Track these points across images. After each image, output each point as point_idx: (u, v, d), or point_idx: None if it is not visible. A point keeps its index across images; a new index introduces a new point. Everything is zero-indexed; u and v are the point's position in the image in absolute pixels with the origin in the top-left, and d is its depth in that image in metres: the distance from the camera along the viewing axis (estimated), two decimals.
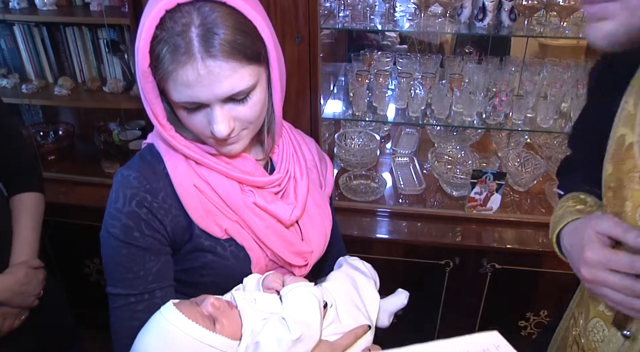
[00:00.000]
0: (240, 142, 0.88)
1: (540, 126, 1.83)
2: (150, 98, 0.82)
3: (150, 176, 0.88)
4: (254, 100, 0.83)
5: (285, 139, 1.02)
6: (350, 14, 1.78)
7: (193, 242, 0.90)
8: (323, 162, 1.13)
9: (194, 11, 0.75)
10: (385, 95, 1.85)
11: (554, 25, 1.74)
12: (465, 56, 2.20)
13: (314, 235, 1.01)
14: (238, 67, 0.77)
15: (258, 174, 0.94)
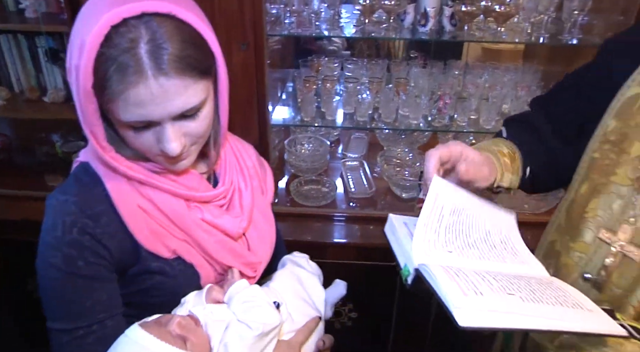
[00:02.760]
0: (189, 158, 0.87)
1: (483, 127, 1.89)
2: (92, 120, 0.77)
3: (89, 199, 0.84)
4: (204, 114, 0.82)
5: (226, 149, 1.01)
6: (296, 20, 1.79)
7: (140, 264, 0.87)
8: (262, 167, 1.12)
9: (141, 25, 0.71)
10: (333, 101, 1.87)
11: (492, 30, 1.80)
12: (410, 61, 2.24)
13: (260, 245, 1.00)
14: (191, 83, 0.76)
15: (203, 189, 0.93)
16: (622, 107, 0.85)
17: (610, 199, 0.85)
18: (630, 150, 0.83)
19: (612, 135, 0.86)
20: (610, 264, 0.84)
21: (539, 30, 1.81)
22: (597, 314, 0.72)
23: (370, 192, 2.00)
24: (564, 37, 1.76)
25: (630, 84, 0.84)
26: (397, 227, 0.86)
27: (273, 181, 1.14)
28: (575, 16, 1.71)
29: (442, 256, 0.78)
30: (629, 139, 0.83)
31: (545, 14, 1.76)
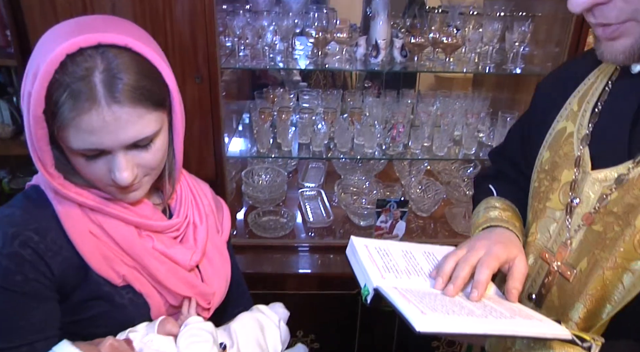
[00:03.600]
0: (142, 189, 0.86)
1: (436, 154, 1.94)
2: (41, 145, 0.77)
3: (37, 214, 0.82)
4: (157, 146, 0.82)
5: (183, 185, 1.01)
6: (250, 53, 1.81)
7: (88, 288, 0.85)
8: (219, 206, 1.12)
9: (97, 56, 0.73)
10: (289, 131, 1.88)
11: (441, 61, 1.87)
12: (364, 90, 2.29)
13: (214, 278, 1.00)
14: (144, 113, 0.76)
15: (156, 219, 0.92)
16: (553, 139, 0.93)
17: (547, 223, 0.91)
18: (560, 178, 0.89)
19: (546, 164, 0.93)
20: (548, 282, 0.89)
21: (485, 60, 1.89)
22: (546, 322, 0.76)
23: (329, 221, 2.02)
24: (508, 66, 1.85)
25: (559, 119, 0.93)
26: (357, 249, 0.90)
27: (230, 220, 1.14)
28: (517, 47, 1.79)
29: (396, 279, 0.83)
30: (559, 167, 0.90)
31: (489, 45, 1.84)
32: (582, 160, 0.85)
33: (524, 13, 1.88)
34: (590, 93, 0.89)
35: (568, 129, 0.90)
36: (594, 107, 0.87)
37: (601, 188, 0.81)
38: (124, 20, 0.84)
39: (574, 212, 0.85)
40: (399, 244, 0.97)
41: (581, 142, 0.86)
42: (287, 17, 1.77)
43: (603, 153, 0.83)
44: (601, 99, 0.87)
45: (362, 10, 2.18)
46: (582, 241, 0.83)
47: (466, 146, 1.95)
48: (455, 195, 2.15)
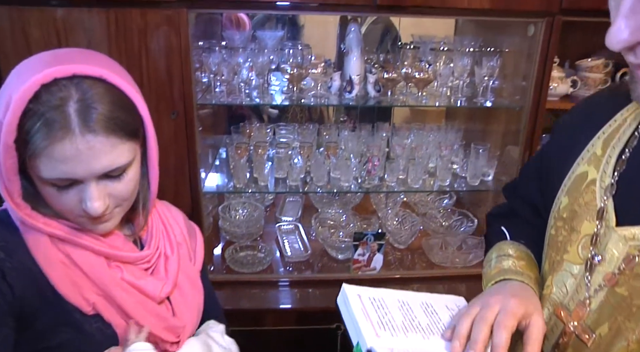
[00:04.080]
0: (113, 220, 0.86)
1: (412, 186, 1.96)
2: (9, 175, 0.76)
3: (6, 235, 0.81)
4: (130, 176, 0.82)
5: (154, 215, 1.01)
6: (226, 88, 1.83)
7: (56, 315, 0.82)
8: (192, 235, 1.11)
9: (72, 86, 0.74)
10: (265, 166, 1.89)
11: (414, 95, 1.91)
12: (340, 124, 2.33)
13: (186, 310, 0.99)
14: (118, 143, 0.77)
15: (127, 250, 0.91)
16: (572, 185, 0.86)
17: (564, 277, 0.84)
18: (580, 229, 0.82)
19: (565, 212, 0.86)
20: (563, 343, 0.81)
21: (457, 94, 1.94)
22: None
23: (306, 255, 2.01)
24: (479, 100, 1.90)
25: (579, 161, 0.86)
26: (350, 300, 0.85)
27: (203, 248, 1.13)
28: (486, 81, 1.85)
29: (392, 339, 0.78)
30: (578, 217, 0.83)
31: (460, 80, 1.89)
32: (605, 213, 0.77)
33: (492, 49, 1.95)
34: (616, 137, 0.82)
35: (590, 175, 0.83)
36: (621, 153, 0.80)
37: (627, 247, 0.73)
38: (100, 54, 0.86)
39: (595, 270, 0.77)
40: (395, 293, 0.91)
41: (605, 192, 0.79)
42: (262, 53, 1.81)
43: (630, 207, 0.75)
44: (629, 145, 0.79)
45: (337, 46, 2.24)
46: (603, 303, 0.75)
47: (440, 178, 1.98)
48: (431, 226, 2.17)
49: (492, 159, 1.98)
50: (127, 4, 1.53)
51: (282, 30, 2.38)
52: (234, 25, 2.27)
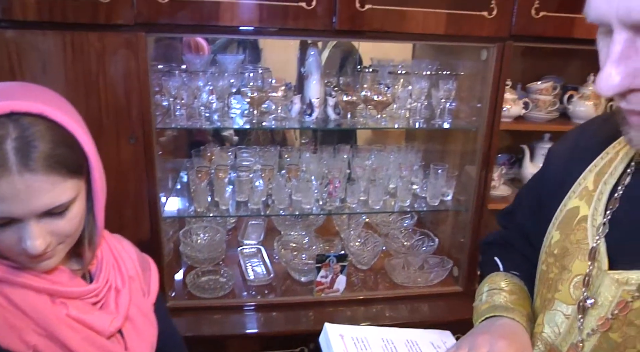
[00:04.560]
0: (56, 257, 0.83)
1: (373, 208, 1.98)
2: None
3: None
4: (74, 212, 0.80)
5: (104, 248, 0.98)
6: (186, 112, 1.82)
7: None
8: (146, 268, 1.09)
9: (9, 123, 0.72)
10: (226, 190, 1.88)
11: (373, 117, 1.94)
12: (301, 146, 2.34)
13: (139, 344, 0.96)
14: (59, 181, 0.75)
15: (73, 285, 0.88)
16: (563, 219, 0.83)
17: (556, 317, 0.81)
18: (571, 268, 0.79)
19: (556, 248, 0.83)
20: None
21: (415, 116, 1.98)
22: None
23: (269, 279, 2.00)
24: (437, 121, 1.95)
25: (570, 195, 0.83)
26: (332, 340, 0.83)
27: (158, 281, 1.11)
28: (443, 103, 1.90)
29: None
30: (569, 254, 0.80)
31: (418, 102, 1.94)
32: (598, 254, 0.74)
33: (448, 72, 2.01)
34: (608, 172, 0.79)
35: (581, 212, 0.80)
36: (613, 190, 0.77)
37: (620, 292, 0.70)
38: (42, 88, 0.84)
39: (588, 312, 0.74)
40: (378, 331, 0.90)
41: (597, 231, 0.75)
42: (222, 77, 1.81)
43: (623, 250, 0.72)
44: (622, 181, 0.76)
45: (297, 70, 2.26)
46: (597, 347, 0.73)
47: (401, 198, 2.01)
48: (393, 246, 2.19)
49: (451, 179, 2.02)
50: (84, 27, 1.51)
51: (243, 53, 2.40)
52: (193, 49, 2.27)
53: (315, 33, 1.67)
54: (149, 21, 1.54)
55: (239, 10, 1.57)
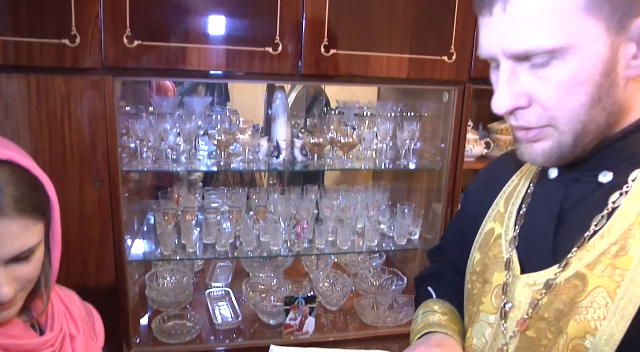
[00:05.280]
0: (16, 305, 0.81)
1: (341, 248, 1.99)
2: None
3: None
4: (37, 257, 0.79)
5: (53, 297, 0.96)
6: (153, 154, 1.81)
7: None
8: (89, 314, 1.07)
9: None
10: (193, 232, 1.86)
11: (339, 158, 1.97)
12: (269, 187, 2.34)
13: None
14: (30, 225, 0.75)
15: (28, 336, 0.85)
16: (483, 240, 0.94)
17: (482, 327, 0.88)
18: (492, 280, 0.88)
19: (477, 266, 0.93)
20: None
21: (381, 157, 2.02)
22: None
23: (237, 322, 1.96)
24: (402, 161, 1.99)
25: (487, 219, 0.95)
26: None
27: (102, 325, 1.09)
28: (408, 144, 1.95)
29: None
30: (489, 269, 0.89)
31: (383, 143, 1.98)
32: (511, 263, 0.84)
33: (412, 113, 2.07)
34: (514, 195, 0.91)
35: (496, 231, 0.91)
36: (519, 209, 0.88)
37: (531, 293, 0.79)
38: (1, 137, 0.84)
39: (508, 317, 0.82)
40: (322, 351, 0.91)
41: (509, 244, 0.86)
42: (190, 119, 1.82)
43: (530, 256, 0.83)
44: (525, 200, 0.88)
45: (264, 111, 2.29)
46: (518, 348, 0.80)
47: (369, 238, 2.03)
48: (363, 286, 2.19)
49: (418, 218, 2.05)
50: (50, 71, 1.51)
51: (211, 95, 2.43)
52: (160, 91, 2.28)
53: (281, 77, 1.71)
54: (117, 65, 1.55)
55: (206, 54, 1.60)
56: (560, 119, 0.70)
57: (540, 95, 0.70)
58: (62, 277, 0.96)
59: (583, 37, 0.66)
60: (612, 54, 0.67)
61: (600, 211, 0.74)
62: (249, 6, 1.61)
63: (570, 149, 0.73)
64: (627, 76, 0.70)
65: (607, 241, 0.72)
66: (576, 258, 0.74)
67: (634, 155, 0.74)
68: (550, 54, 0.66)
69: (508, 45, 0.69)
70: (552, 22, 0.65)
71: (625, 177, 0.74)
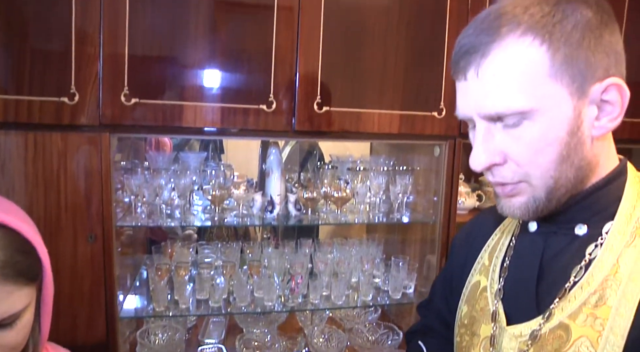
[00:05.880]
0: None
1: (335, 303, 1.97)
2: None
3: None
4: (24, 322, 0.78)
5: None
6: (147, 209, 1.82)
7: None
8: None
9: None
10: (187, 287, 1.85)
11: (333, 212, 1.98)
12: (263, 241, 2.34)
13: None
14: (14, 290, 0.74)
15: None
16: (470, 293, 0.97)
17: None
18: (479, 332, 0.91)
19: (465, 319, 0.96)
20: None
21: (374, 210, 2.03)
22: None
23: None
24: (395, 215, 2.00)
25: (473, 272, 0.98)
26: None
27: None
28: (401, 198, 1.97)
29: None
30: (477, 321, 0.92)
31: (376, 197, 2.00)
32: (497, 315, 0.87)
33: (405, 167, 2.10)
34: (498, 248, 0.95)
35: (482, 283, 0.94)
36: (503, 261, 0.92)
37: (518, 344, 0.82)
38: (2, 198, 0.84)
39: None
40: None
41: (495, 296, 0.89)
42: (185, 175, 1.84)
43: (516, 308, 0.85)
44: (508, 253, 0.92)
45: (259, 166, 2.32)
46: None
47: (363, 293, 2.01)
48: (358, 341, 2.15)
49: (412, 271, 2.04)
50: (47, 128, 1.54)
51: (206, 150, 2.46)
52: (156, 147, 2.31)
53: (275, 134, 1.75)
54: (114, 122, 1.58)
55: (202, 112, 1.63)
56: (533, 175, 0.75)
57: (514, 153, 0.75)
58: (52, 334, 0.94)
59: (549, 101, 0.71)
60: (576, 116, 0.72)
61: (578, 262, 0.77)
62: (244, 64, 1.66)
63: (545, 203, 0.77)
64: (592, 135, 0.74)
65: (586, 292, 0.75)
66: (559, 309, 0.77)
67: (605, 208, 0.78)
68: (520, 115, 0.72)
69: (482, 107, 0.74)
70: (521, 86, 0.71)
71: (599, 229, 0.77)
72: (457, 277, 1.03)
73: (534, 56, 0.70)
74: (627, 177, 0.80)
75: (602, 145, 0.77)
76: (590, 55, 0.71)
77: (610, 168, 0.79)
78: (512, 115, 0.72)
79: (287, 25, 1.67)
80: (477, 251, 0.99)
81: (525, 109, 0.71)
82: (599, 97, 0.72)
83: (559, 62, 0.70)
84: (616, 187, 0.78)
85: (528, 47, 0.70)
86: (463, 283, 0.99)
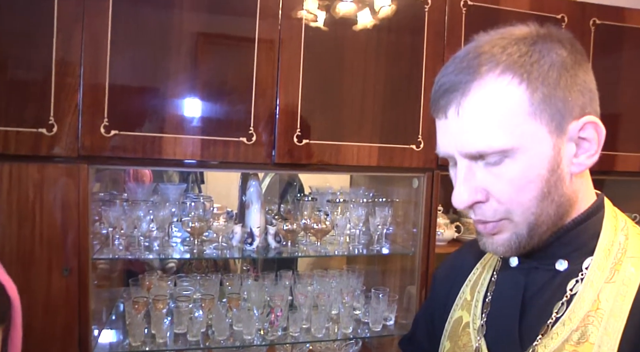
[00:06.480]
0: None
1: (315, 335, 1.94)
2: None
3: None
4: None
5: None
6: (125, 242, 1.80)
7: None
8: None
9: None
10: (164, 321, 1.81)
11: (313, 244, 1.98)
12: (243, 274, 2.31)
13: None
14: None
15: None
16: (452, 329, 0.96)
17: None
18: None
19: None
20: None
21: (354, 242, 2.04)
22: None
23: None
24: (375, 247, 2.01)
25: (455, 307, 0.97)
26: None
27: None
28: (380, 229, 1.98)
29: None
30: None
31: (356, 228, 2.01)
32: (480, 351, 0.86)
33: (384, 199, 2.11)
34: (479, 283, 0.94)
35: (464, 319, 0.93)
36: (485, 297, 0.91)
37: None
38: None
39: None
40: None
41: (477, 333, 0.88)
42: (164, 206, 1.83)
43: (499, 345, 0.84)
44: (490, 289, 0.91)
45: (239, 198, 2.31)
46: None
47: (344, 325, 1.99)
48: None
49: (392, 303, 2.03)
50: (24, 159, 1.52)
51: (185, 182, 2.44)
52: (135, 178, 2.29)
53: (255, 166, 1.76)
54: (92, 154, 1.58)
55: (182, 144, 1.64)
56: (515, 212, 0.75)
57: (495, 190, 0.75)
58: None
59: (530, 139, 0.72)
60: (555, 153, 0.73)
61: (560, 298, 0.77)
62: (224, 97, 1.68)
63: (527, 240, 0.77)
64: (571, 172, 0.76)
65: (569, 328, 0.75)
66: (542, 346, 0.76)
67: (585, 243, 0.79)
68: (501, 153, 0.72)
69: (463, 146, 0.74)
70: (501, 125, 0.72)
71: (579, 265, 0.78)
72: (439, 311, 1.02)
73: (514, 95, 0.71)
74: (605, 212, 0.81)
75: (580, 181, 0.78)
76: (567, 94, 0.72)
77: (589, 203, 0.80)
78: (493, 153, 0.72)
79: (268, 59, 1.70)
80: (459, 285, 0.99)
81: (506, 148, 0.71)
82: (577, 134, 0.74)
83: (538, 101, 0.71)
84: (594, 223, 0.79)
85: (507, 85, 0.71)
86: (445, 318, 0.99)
